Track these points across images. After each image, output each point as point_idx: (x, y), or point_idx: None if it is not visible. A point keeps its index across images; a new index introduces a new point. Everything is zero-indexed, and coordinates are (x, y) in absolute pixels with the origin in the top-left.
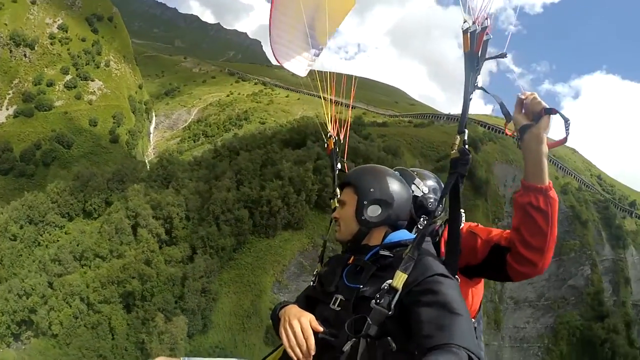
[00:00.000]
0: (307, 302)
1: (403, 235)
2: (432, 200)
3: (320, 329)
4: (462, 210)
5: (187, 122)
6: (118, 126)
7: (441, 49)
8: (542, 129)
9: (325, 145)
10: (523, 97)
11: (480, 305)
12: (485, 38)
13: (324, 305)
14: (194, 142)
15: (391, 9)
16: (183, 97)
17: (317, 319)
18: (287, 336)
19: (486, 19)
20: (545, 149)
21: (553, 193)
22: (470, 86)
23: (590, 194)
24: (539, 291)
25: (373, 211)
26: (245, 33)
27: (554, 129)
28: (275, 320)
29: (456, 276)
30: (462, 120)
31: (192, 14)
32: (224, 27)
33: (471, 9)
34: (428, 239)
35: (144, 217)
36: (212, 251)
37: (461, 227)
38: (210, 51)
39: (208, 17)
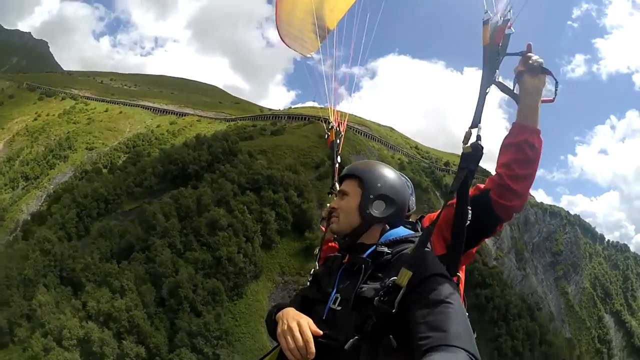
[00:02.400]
0: (303, 302)
1: (400, 232)
2: None
3: (320, 332)
4: (469, 208)
5: None
6: None
7: (245, 39)
8: (541, 82)
9: (327, 137)
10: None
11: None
12: (506, 32)
13: (321, 305)
14: (13, 190)
15: (193, 2)
16: None
17: (314, 319)
18: (286, 340)
19: (509, 10)
20: (539, 99)
21: (541, 137)
22: (487, 80)
23: (416, 162)
24: None
25: (378, 206)
26: (29, 33)
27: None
28: (271, 323)
29: (458, 273)
30: (477, 113)
31: None
32: (4, 27)
33: None
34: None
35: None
36: (222, 342)
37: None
38: None
39: None
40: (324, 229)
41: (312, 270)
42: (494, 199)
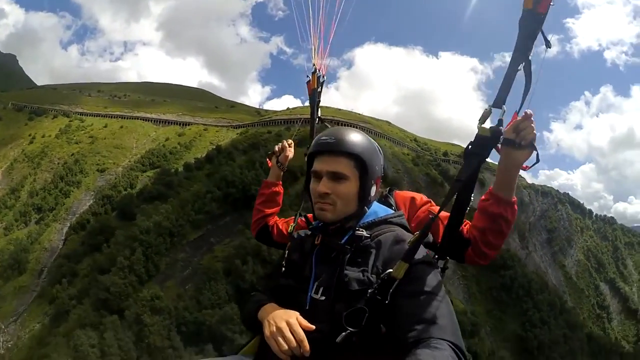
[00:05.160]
0: (279, 291)
1: (378, 210)
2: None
3: (312, 327)
4: (472, 195)
5: None
6: None
7: (218, 37)
8: (524, 157)
9: (307, 81)
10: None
11: None
12: (551, 2)
13: (300, 294)
14: (26, 225)
15: (163, 3)
16: None
17: (295, 310)
18: (278, 342)
19: None
20: (518, 172)
21: (516, 206)
22: (521, 55)
23: (422, 156)
24: None
25: (374, 190)
26: None
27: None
28: (254, 321)
29: (447, 257)
30: (503, 92)
31: None
32: None
33: None
34: (401, 212)
35: None
36: None
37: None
38: None
39: None
40: (270, 164)
41: (285, 254)
42: (469, 253)
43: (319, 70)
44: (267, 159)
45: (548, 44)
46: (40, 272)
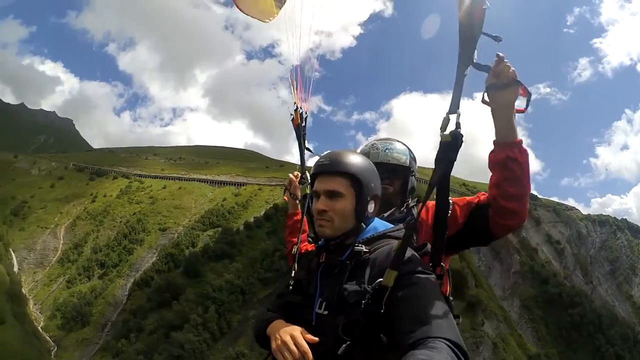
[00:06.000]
0: (287, 308)
1: (378, 226)
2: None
3: (316, 339)
4: (450, 199)
5: (58, 251)
6: None
7: (260, 100)
8: (513, 95)
9: (291, 119)
10: (497, 58)
11: (449, 293)
12: (484, 7)
13: (306, 310)
14: (89, 279)
15: (209, 71)
16: (37, 213)
17: (302, 325)
18: (283, 355)
19: None
20: (513, 112)
21: (524, 146)
22: (465, 61)
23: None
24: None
25: (371, 207)
26: (54, 112)
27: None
28: (263, 337)
29: (442, 264)
30: (455, 98)
31: None
32: (28, 107)
33: None
34: (401, 226)
35: None
36: None
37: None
38: (17, 139)
39: (8, 97)
40: (286, 198)
41: (293, 273)
42: (492, 216)
43: (300, 108)
44: (284, 196)
45: (497, 39)
46: (104, 326)
